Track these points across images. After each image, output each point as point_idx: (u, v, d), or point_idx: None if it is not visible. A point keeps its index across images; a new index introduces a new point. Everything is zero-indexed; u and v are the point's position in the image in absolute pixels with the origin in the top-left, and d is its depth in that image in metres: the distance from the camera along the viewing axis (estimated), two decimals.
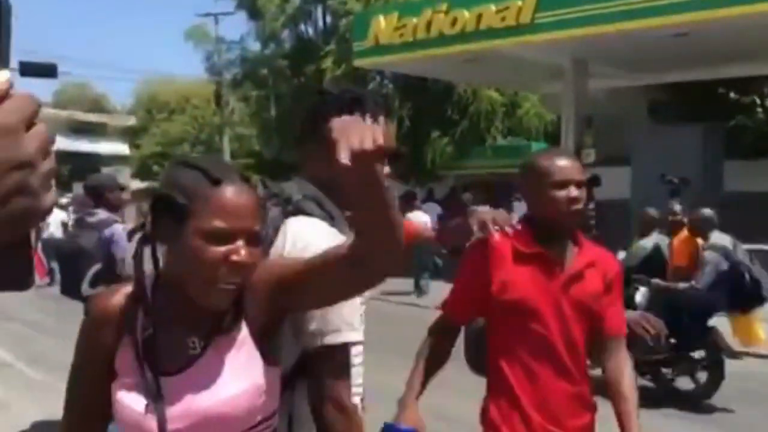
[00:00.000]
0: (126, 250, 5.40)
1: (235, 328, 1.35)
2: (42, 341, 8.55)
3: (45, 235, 12.60)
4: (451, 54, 14.12)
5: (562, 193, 2.04)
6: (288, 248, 1.63)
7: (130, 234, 4.25)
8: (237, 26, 44.90)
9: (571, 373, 2.12)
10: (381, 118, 1.29)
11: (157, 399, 1.29)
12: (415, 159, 20.01)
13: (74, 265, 5.12)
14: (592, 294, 2.12)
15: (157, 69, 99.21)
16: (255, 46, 30.08)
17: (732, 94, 17.79)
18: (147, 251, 1.35)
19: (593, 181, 3.61)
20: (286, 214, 1.71)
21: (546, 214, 2.10)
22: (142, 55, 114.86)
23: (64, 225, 12.56)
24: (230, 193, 1.29)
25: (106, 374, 1.36)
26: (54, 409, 5.14)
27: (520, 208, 14.52)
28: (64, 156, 40.13)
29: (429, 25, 13.97)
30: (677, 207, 8.92)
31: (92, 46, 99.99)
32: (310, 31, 28.10)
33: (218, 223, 1.27)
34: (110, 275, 4.96)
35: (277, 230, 1.68)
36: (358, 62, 16.72)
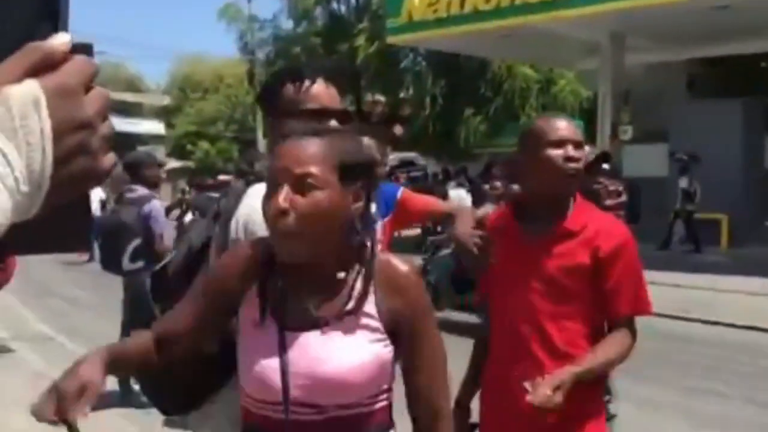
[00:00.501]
0: (164, 225, 5.50)
1: (361, 302, 1.37)
2: (81, 315, 8.74)
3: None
4: (486, 30, 13.96)
5: (558, 152, 1.93)
6: (246, 210, 1.73)
7: (167, 211, 4.32)
8: (269, 4, 45.10)
9: (535, 355, 1.96)
10: (320, 80, 1.75)
11: (283, 355, 1.32)
12: (449, 137, 19.89)
13: (115, 240, 5.23)
14: (568, 268, 1.94)
15: (190, 48, 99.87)
16: (288, 25, 30.06)
17: None
18: None
19: (603, 158, 3.46)
20: (249, 184, 1.81)
21: (543, 177, 1.97)
22: (175, 35, 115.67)
23: (102, 203, 12.75)
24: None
25: (222, 320, 1.43)
26: None
27: None
28: None
29: (463, 0, 13.81)
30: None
31: (127, 26, 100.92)
32: (343, 8, 27.96)
33: (268, 167, 1.33)
34: (150, 250, 5.06)
35: (232, 199, 1.80)
36: (391, 39, 16.62)
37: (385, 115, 12.24)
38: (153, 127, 39.71)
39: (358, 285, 1.38)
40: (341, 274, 1.37)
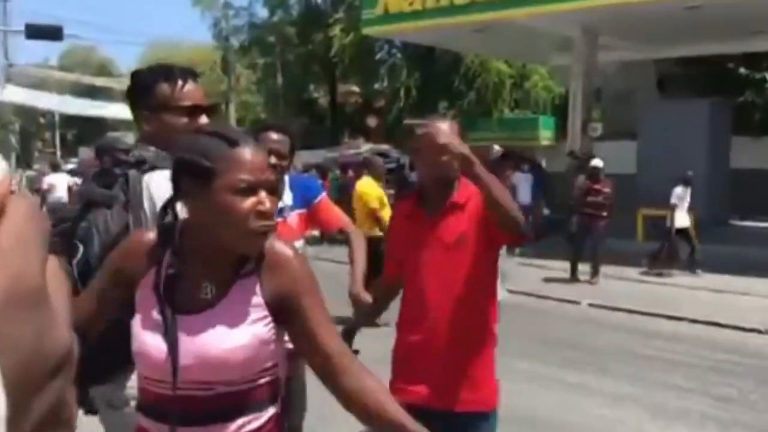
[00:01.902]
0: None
1: (250, 284, 1.50)
2: None
3: (51, 199, 12.66)
4: (461, 23, 14.01)
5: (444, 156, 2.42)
6: (152, 196, 1.93)
7: None
8: None
9: (444, 312, 2.46)
10: (190, 81, 2.11)
11: (171, 335, 1.43)
12: None
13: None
14: (457, 234, 2.47)
15: (164, 34, 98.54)
16: (263, 13, 29.93)
17: (742, 70, 17.62)
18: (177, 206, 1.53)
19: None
20: (143, 172, 1.99)
21: (431, 168, 2.48)
22: (149, 20, 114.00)
23: (70, 189, 12.59)
24: (248, 151, 1.46)
25: (118, 294, 1.53)
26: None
27: (520, 178, 14.53)
28: (70, 120, 40.12)
29: None
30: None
31: (99, 10, 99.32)
32: None
33: (244, 178, 1.43)
34: None
35: (135, 187, 1.97)
36: (366, 30, 16.59)
37: (359, 106, 12.19)
38: (123, 112, 39.16)
39: (248, 267, 1.51)
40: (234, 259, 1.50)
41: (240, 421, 1.47)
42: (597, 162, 10.79)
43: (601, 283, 10.06)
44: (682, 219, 10.68)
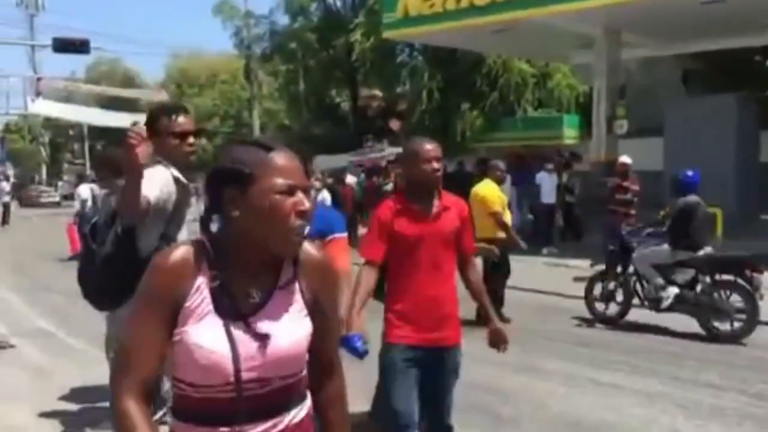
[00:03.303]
0: None
1: (291, 284, 1.61)
2: (81, 311, 8.71)
3: (83, 209, 12.84)
4: (481, 25, 13.97)
5: (428, 166, 3.16)
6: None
7: None
8: (266, 0, 44.90)
9: (437, 281, 3.19)
10: (182, 115, 3.32)
11: (232, 341, 1.48)
12: (445, 131, 19.91)
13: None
14: (451, 229, 3.22)
15: (187, 44, 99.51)
16: (284, 20, 30.06)
17: None
18: (214, 217, 1.58)
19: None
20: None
21: (419, 179, 3.18)
22: (172, 31, 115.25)
23: (94, 196, 12.76)
24: (284, 156, 1.54)
25: (168, 318, 1.51)
26: (94, 375, 5.30)
27: (544, 178, 14.48)
28: (98, 131, 40.63)
29: None
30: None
31: (123, 22, 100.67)
32: (339, 3, 27.97)
33: (284, 181, 1.51)
34: None
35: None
36: (387, 34, 16.61)
37: (381, 110, 12.22)
38: None
39: (287, 269, 1.61)
40: (277, 261, 1.59)
41: (293, 412, 1.59)
42: (625, 158, 10.68)
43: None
44: None
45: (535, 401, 5.27)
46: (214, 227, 1.58)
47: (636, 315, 7.62)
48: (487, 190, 7.54)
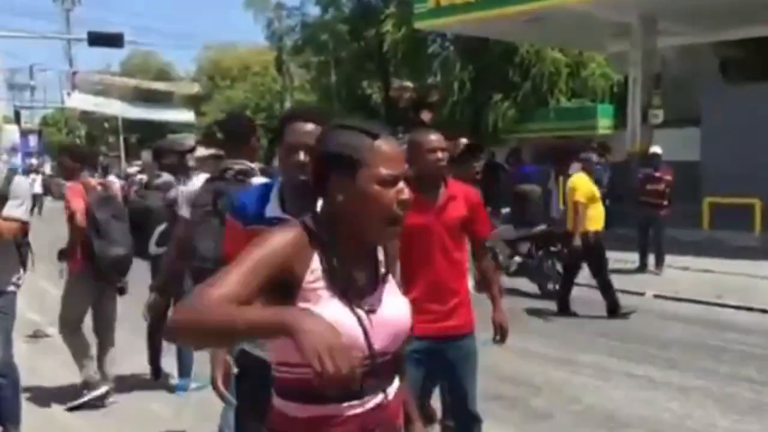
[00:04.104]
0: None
1: (382, 263, 1.69)
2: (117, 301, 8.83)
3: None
4: (514, 13, 13.84)
5: (432, 156, 3.23)
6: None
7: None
8: None
9: (446, 270, 3.25)
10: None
11: (359, 319, 1.54)
12: (477, 122, 19.76)
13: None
14: (457, 217, 3.29)
15: (219, 36, 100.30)
16: (315, 12, 30.04)
17: None
18: (318, 202, 1.62)
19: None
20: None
21: (425, 170, 3.22)
22: (204, 24, 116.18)
23: (122, 188, 13.00)
24: (388, 144, 1.56)
25: (274, 280, 1.49)
26: (130, 363, 5.37)
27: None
28: (133, 124, 41.11)
29: None
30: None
31: (157, 16, 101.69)
32: None
33: (389, 170, 1.53)
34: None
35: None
36: (418, 24, 16.55)
37: (413, 101, 12.22)
38: (183, 115, 39.94)
39: (380, 254, 1.69)
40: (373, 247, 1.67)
41: (397, 381, 1.69)
42: (656, 149, 10.54)
43: (665, 273, 9.83)
44: None
45: (567, 395, 5.23)
46: (318, 209, 1.62)
47: (673, 306, 7.51)
48: (579, 181, 7.87)
